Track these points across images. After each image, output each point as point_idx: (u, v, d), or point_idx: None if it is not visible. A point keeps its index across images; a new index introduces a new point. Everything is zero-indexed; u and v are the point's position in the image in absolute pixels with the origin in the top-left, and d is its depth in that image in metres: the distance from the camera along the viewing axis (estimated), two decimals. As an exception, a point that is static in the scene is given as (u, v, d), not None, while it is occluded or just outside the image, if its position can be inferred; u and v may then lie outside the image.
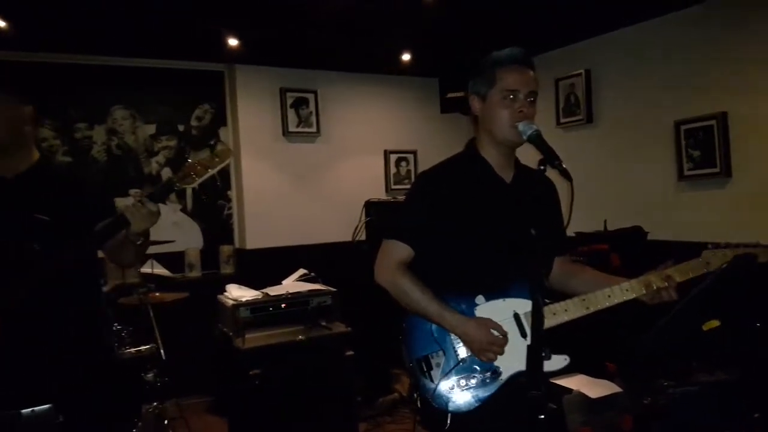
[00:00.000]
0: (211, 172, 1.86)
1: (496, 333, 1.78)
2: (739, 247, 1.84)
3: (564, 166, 1.67)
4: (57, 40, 4.07)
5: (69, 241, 1.83)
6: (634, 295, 1.82)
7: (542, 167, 1.71)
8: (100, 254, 2.13)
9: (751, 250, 1.84)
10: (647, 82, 4.23)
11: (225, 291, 3.70)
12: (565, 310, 1.83)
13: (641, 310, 1.97)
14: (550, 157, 1.68)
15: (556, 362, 1.79)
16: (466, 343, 1.81)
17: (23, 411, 1.30)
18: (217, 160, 1.86)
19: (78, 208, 1.98)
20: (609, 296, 1.83)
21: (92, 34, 4.06)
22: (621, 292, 1.83)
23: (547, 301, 1.84)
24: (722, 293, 1.90)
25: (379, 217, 4.73)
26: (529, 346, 1.52)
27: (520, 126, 1.80)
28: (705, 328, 2.07)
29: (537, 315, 1.51)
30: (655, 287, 1.81)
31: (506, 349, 1.78)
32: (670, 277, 1.82)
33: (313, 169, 5.28)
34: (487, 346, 1.76)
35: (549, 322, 1.79)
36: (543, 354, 1.49)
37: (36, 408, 1.31)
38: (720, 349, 2.55)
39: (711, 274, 1.83)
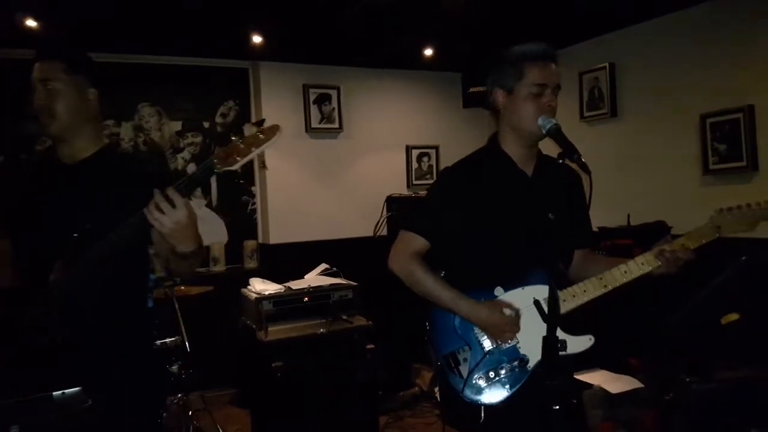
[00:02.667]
0: (256, 151, 1.56)
1: (508, 311, 1.81)
2: (750, 206, 1.82)
3: (583, 159, 1.69)
4: (85, 39, 4.16)
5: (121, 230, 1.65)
6: (649, 268, 1.83)
7: (561, 161, 1.73)
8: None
9: (761, 211, 1.81)
10: (672, 75, 4.17)
11: (249, 284, 3.75)
12: (584, 291, 1.84)
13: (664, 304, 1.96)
14: (569, 151, 1.71)
15: (580, 343, 1.82)
16: (482, 329, 1.85)
17: (54, 393, 1.34)
18: (262, 137, 1.55)
19: (139, 195, 1.71)
20: (626, 272, 1.84)
21: (119, 33, 4.15)
22: (637, 266, 1.84)
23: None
24: (742, 284, 1.88)
25: (401, 213, 4.75)
26: (544, 337, 1.53)
27: (540, 120, 1.82)
28: (723, 321, 2.05)
29: (553, 305, 1.52)
30: (667, 257, 1.81)
31: (531, 336, 1.79)
32: (683, 245, 1.83)
33: (335, 164, 5.32)
34: (503, 326, 1.80)
35: (569, 304, 1.83)
36: (558, 344, 1.50)
37: (67, 390, 1.35)
38: (740, 345, 2.52)
39: (734, 264, 1.81)
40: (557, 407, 1.46)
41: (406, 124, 5.63)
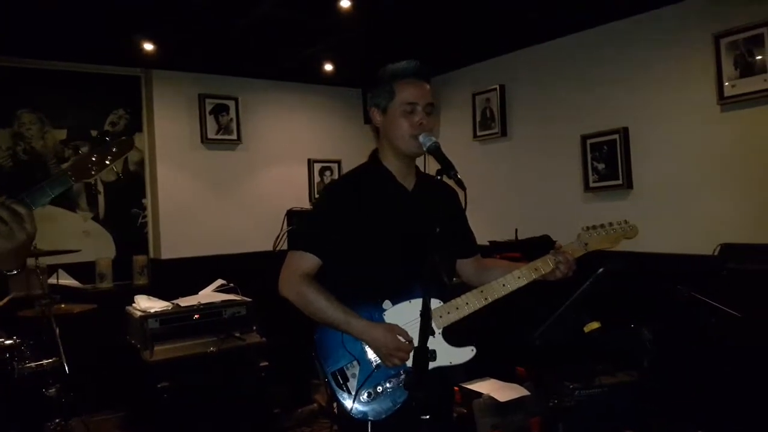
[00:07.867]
0: (110, 164, 1.59)
1: (402, 339, 1.81)
2: (612, 225, 2.03)
3: (459, 176, 1.75)
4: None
5: None
6: (526, 281, 1.93)
7: (439, 177, 1.79)
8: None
9: (622, 230, 2.03)
10: (556, 98, 4.42)
11: (134, 302, 3.59)
12: (467, 304, 1.90)
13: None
14: (446, 168, 1.76)
15: (462, 354, 1.86)
16: (374, 349, 1.84)
17: None
18: (115, 150, 1.58)
19: None
20: (504, 285, 1.92)
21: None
22: (514, 279, 1.93)
23: (440, 302, 1.89)
24: (597, 295, 2.02)
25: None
26: (415, 348, 1.56)
27: (421, 138, 1.87)
28: (586, 330, 2.19)
29: (425, 315, 1.55)
30: (543, 271, 1.94)
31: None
32: (554, 259, 1.96)
33: (233, 177, 5.20)
34: (393, 351, 1.79)
35: (452, 316, 1.88)
36: (429, 355, 1.53)
37: None
38: (604, 351, 2.69)
39: (593, 275, 1.94)
40: (427, 417, 1.49)
41: (308, 138, 5.61)
